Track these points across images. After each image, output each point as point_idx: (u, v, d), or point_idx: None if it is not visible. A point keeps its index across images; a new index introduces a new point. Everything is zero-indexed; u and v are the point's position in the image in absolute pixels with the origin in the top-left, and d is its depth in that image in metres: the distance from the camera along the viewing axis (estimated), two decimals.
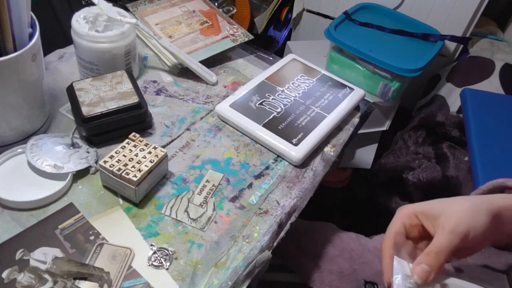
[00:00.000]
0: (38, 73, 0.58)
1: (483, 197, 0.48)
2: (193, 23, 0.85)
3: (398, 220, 0.48)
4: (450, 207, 0.46)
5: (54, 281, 0.48)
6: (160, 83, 0.76)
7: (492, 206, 0.45)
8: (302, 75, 0.79)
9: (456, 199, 0.47)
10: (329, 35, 1.14)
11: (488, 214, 0.45)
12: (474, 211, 0.45)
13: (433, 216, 0.46)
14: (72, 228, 0.53)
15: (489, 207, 0.45)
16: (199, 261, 0.52)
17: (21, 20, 0.55)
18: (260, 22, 1.57)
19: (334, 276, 0.66)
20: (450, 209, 0.45)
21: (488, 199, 0.47)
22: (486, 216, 0.44)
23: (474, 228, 0.44)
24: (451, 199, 0.47)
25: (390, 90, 1.14)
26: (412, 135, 1.15)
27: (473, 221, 0.44)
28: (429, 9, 1.27)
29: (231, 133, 0.69)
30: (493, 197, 0.48)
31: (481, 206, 0.45)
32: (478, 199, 0.46)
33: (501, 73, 1.17)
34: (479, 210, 0.45)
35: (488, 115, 1.02)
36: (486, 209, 0.45)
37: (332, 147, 0.70)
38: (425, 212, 0.47)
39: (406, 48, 1.15)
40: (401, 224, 0.48)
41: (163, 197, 0.58)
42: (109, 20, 0.70)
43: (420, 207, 0.48)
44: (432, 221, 0.46)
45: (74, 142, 0.61)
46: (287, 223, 0.60)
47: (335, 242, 0.71)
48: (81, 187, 0.58)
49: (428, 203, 0.48)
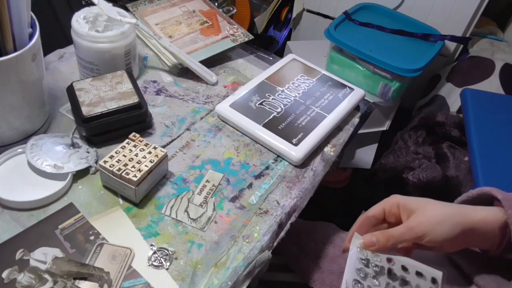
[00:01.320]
0: (38, 73, 0.58)
1: (461, 209, 0.52)
2: (193, 23, 0.85)
3: (381, 205, 0.55)
4: (424, 209, 0.51)
5: (54, 281, 0.48)
6: (160, 83, 0.76)
7: (465, 219, 0.50)
8: (302, 75, 0.79)
9: (436, 203, 0.52)
10: (329, 35, 1.14)
11: (457, 226, 0.49)
12: (441, 221, 0.50)
13: (409, 210, 0.52)
14: (72, 228, 0.53)
15: (462, 220, 0.50)
16: (199, 261, 0.52)
17: (21, 20, 0.55)
18: (260, 22, 1.57)
19: (334, 276, 0.66)
20: (423, 210, 0.51)
21: (465, 212, 0.51)
22: (453, 227, 0.49)
23: (433, 234, 0.49)
24: (432, 202, 0.52)
25: (390, 90, 1.14)
26: (412, 135, 1.15)
27: (435, 228, 0.49)
28: (429, 9, 1.27)
29: (231, 133, 0.69)
30: (472, 210, 0.51)
31: (453, 218, 0.50)
32: (455, 210, 0.51)
33: (501, 73, 1.17)
34: (448, 221, 0.50)
35: (488, 115, 1.02)
36: (456, 222, 0.49)
37: (332, 147, 0.70)
38: (405, 204, 0.53)
39: (406, 48, 1.15)
40: (381, 209, 0.55)
41: (163, 197, 0.58)
42: (109, 20, 0.70)
43: (403, 200, 0.53)
44: (408, 213, 0.52)
45: (74, 142, 0.61)
46: (287, 223, 0.60)
47: (336, 242, 0.71)
48: (81, 187, 0.58)
49: (412, 198, 0.54)
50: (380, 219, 0.55)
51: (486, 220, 0.50)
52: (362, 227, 0.54)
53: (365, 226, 0.55)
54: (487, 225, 0.50)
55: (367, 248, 0.51)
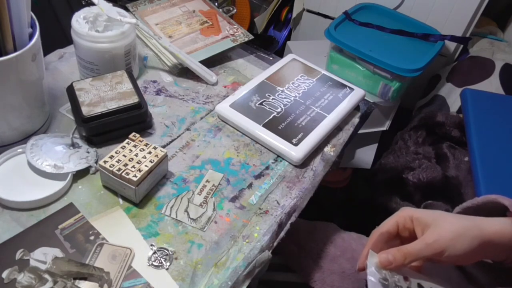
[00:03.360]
0: (38, 73, 0.58)
1: (477, 221, 0.50)
2: (193, 23, 0.85)
3: (394, 220, 0.53)
4: (441, 222, 0.49)
5: (54, 281, 0.48)
6: (160, 83, 0.76)
7: (482, 232, 0.48)
8: (302, 75, 0.79)
9: (450, 217, 0.50)
10: (329, 35, 1.14)
11: (475, 240, 0.48)
12: (459, 234, 0.48)
13: (424, 224, 0.50)
14: (72, 228, 0.53)
15: (480, 233, 0.48)
16: (199, 261, 0.52)
17: (21, 20, 0.55)
18: (260, 22, 1.57)
19: (335, 276, 0.66)
20: (439, 224, 0.49)
21: (481, 225, 0.49)
22: (471, 241, 0.48)
23: (452, 249, 0.48)
24: (447, 215, 0.51)
25: (390, 90, 1.14)
26: (412, 135, 1.14)
27: (454, 243, 0.48)
28: (429, 9, 1.27)
29: (231, 133, 0.69)
30: (488, 223, 0.50)
31: (470, 231, 0.48)
32: (471, 223, 0.49)
33: (501, 73, 1.17)
34: (466, 235, 0.48)
35: (488, 115, 1.02)
36: (474, 235, 0.48)
37: (332, 147, 0.70)
38: (419, 218, 0.50)
39: (406, 48, 1.15)
40: (395, 224, 0.52)
41: (163, 197, 0.58)
42: (109, 20, 0.69)
43: (417, 213, 0.51)
44: (422, 227, 0.50)
45: (74, 142, 0.61)
46: (287, 223, 0.60)
47: (336, 242, 0.71)
48: (81, 187, 0.58)
49: (426, 211, 0.51)
50: (394, 234, 0.53)
51: (503, 232, 0.48)
52: (377, 243, 0.52)
53: (380, 243, 0.52)
54: (503, 237, 0.48)
55: (383, 267, 0.50)
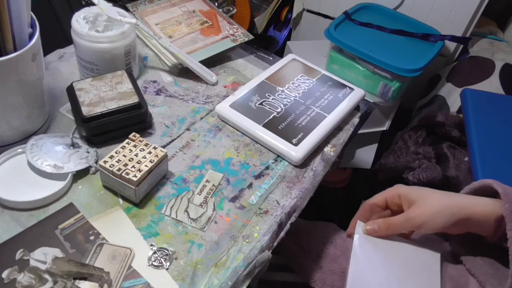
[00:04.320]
0: (38, 73, 0.58)
1: (459, 200, 0.55)
2: (193, 23, 0.85)
3: (383, 195, 0.60)
4: (424, 199, 0.55)
5: (54, 281, 0.48)
6: (160, 83, 0.76)
7: (461, 211, 0.53)
8: (302, 75, 0.79)
9: (435, 194, 0.55)
10: (329, 35, 1.14)
11: (452, 217, 0.53)
12: (438, 211, 0.53)
13: (410, 200, 0.56)
14: (72, 228, 0.53)
15: (458, 211, 0.53)
16: (199, 261, 0.52)
17: (21, 20, 0.55)
18: (260, 22, 1.57)
19: (335, 276, 0.66)
20: (423, 200, 0.55)
21: (462, 204, 0.54)
22: (448, 218, 0.53)
23: (430, 224, 0.54)
24: (432, 193, 0.56)
25: (390, 90, 1.14)
26: (412, 135, 1.14)
27: (432, 219, 0.53)
28: (429, 9, 1.27)
29: (231, 133, 0.69)
30: (469, 202, 0.54)
31: (449, 209, 0.53)
32: (452, 201, 0.54)
33: (501, 73, 1.17)
34: (444, 212, 0.53)
35: (488, 115, 1.01)
36: (452, 213, 0.53)
37: (332, 147, 0.70)
38: (406, 195, 0.57)
39: (406, 48, 1.15)
40: (383, 199, 0.60)
41: (163, 197, 0.58)
42: (109, 20, 0.69)
43: (404, 190, 0.58)
44: (408, 203, 0.56)
45: (74, 142, 0.61)
46: (287, 223, 0.60)
47: (336, 242, 0.71)
48: (81, 187, 0.58)
49: (413, 188, 0.57)
50: (382, 207, 0.59)
51: (483, 212, 0.52)
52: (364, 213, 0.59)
53: (368, 214, 0.59)
54: (483, 217, 0.52)
55: (369, 234, 0.56)
